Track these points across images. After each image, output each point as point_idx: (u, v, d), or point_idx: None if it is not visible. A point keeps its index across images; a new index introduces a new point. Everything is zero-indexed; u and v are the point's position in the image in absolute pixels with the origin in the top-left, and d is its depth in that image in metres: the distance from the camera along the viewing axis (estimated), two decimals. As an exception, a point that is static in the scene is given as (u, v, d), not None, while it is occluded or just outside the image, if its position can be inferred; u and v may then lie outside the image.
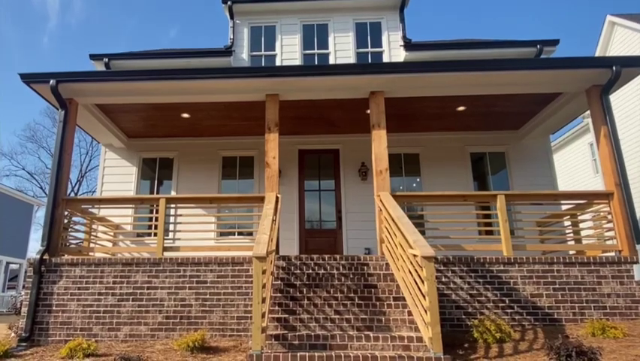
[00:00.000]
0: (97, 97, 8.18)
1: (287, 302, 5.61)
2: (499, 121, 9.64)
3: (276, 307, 5.51)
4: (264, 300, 4.69)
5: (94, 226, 8.60)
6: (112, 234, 8.65)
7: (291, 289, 5.88)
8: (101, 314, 6.57)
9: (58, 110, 7.85)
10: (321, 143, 10.22)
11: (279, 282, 6.08)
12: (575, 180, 22.07)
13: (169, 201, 7.41)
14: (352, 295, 5.77)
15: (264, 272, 4.75)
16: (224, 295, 6.53)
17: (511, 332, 5.47)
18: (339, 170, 10.09)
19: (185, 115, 9.23)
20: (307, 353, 4.54)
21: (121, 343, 6.31)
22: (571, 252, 7.85)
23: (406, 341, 4.75)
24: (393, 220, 5.88)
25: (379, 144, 7.32)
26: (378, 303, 5.55)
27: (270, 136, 7.51)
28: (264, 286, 4.72)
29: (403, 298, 5.64)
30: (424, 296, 4.70)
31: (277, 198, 7.06)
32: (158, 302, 6.58)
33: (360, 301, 5.63)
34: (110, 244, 8.67)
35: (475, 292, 6.47)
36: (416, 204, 7.59)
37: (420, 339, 4.76)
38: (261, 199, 7.03)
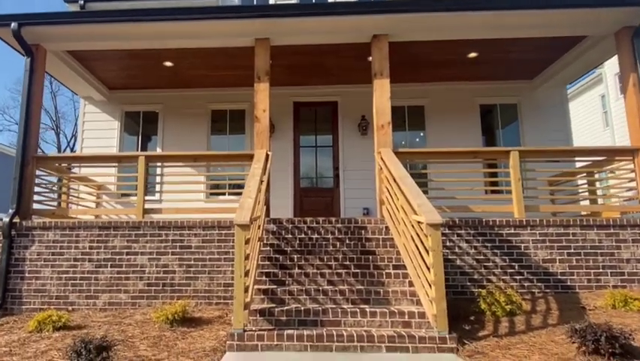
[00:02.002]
0: (67, 42, 7.33)
1: (276, 271, 5.08)
2: (512, 70, 8.78)
3: (263, 278, 4.98)
4: (247, 273, 4.14)
5: (73, 187, 8.01)
6: (93, 195, 8.07)
7: (281, 257, 5.34)
8: (78, 281, 6.09)
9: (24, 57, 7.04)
10: (318, 95, 9.41)
11: (268, 248, 5.54)
12: (583, 134, 21.25)
13: (149, 159, 6.75)
14: (348, 263, 5.23)
15: (247, 242, 4.17)
16: (209, 261, 6.03)
17: (523, 303, 4.96)
18: (338, 124, 9.35)
19: (168, 64, 8.40)
20: (295, 331, 4.04)
21: (99, 312, 5.87)
22: (583, 213, 7.29)
23: (406, 316, 4.24)
24: (394, 180, 5.24)
25: (381, 94, 6.55)
26: (376, 272, 5.01)
27: (259, 86, 6.74)
28: (247, 257, 4.16)
29: (404, 267, 5.11)
30: (428, 268, 4.14)
31: (267, 155, 6.40)
32: (138, 269, 6.09)
33: (356, 270, 5.10)
34: (92, 206, 8.12)
35: (482, 257, 5.94)
36: (420, 162, 6.93)
37: (422, 315, 4.24)
38: (251, 157, 6.36)
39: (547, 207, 6.51)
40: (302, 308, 4.38)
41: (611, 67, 18.51)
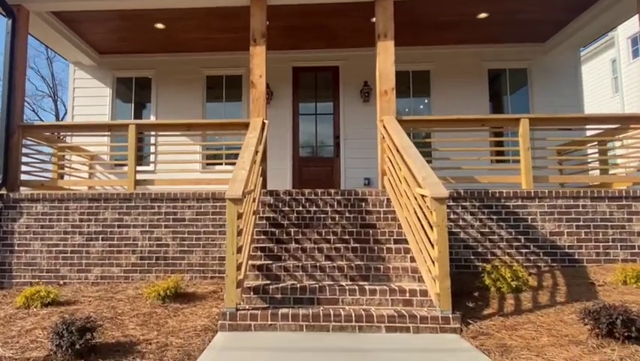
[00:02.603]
0: (50, 2, 6.88)
1: (271, 246, 4.85)
2: (523, 32, 8.28)
3: (258, 253, 4.76)
4: (239, 249, 3.91)
5: (66, 157, 7.73)
6: (84, 165, 7.80)
7: (278, 230, 5.11)
8: (69, 255, 5.91)
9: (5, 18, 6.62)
10: (319, 59, 8.96)
11: (264, 222, 5.30)
12: (591, 100, 20.65)
13: (140, 127, 6.44)
14: (347, 237, 5.00)
15: (239, 216, 3.92)
16: (204, 235, 5.82)
17: (529, 279, 4.75)
18: (339, 90, 8.94)
19: (160, 25, 7.95)
20: (290, 310, 3.84)
21: (91, 286, 5.71)
22: (592, 183, 6.99)
23: (407, 294, 4.03)
24: (397, 150, 4.94)
25: (385, 58, 6.14)
26: (376, 247, 4.78)
27: (255, 50, 6.32)
28: (239, 232, 3.91)
29: (406, 241, 4.87)
30: (431, 244, 3.89)
31: (264, 124, 6.07)
32: (131, 242, 5.89)
33: (355, 245, 4.87)
34: (85, 177, 7.87)
35: (487, 230, 5.71)
36: (425, 130, 6.56)
37: (424, 293, 4.03)
38: (247, 125, 6.03)
39: (557, 177, 6.20)
40: (298, 285, 4.17)
41: (625, 30, 17.79)
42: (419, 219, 4.27)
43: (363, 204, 5.63)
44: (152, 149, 8.24)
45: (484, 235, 5.70)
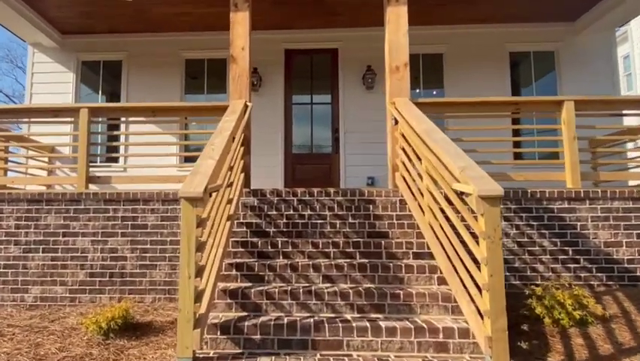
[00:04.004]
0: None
1: (251, 262, 3.65)
2: (551, 9, 7.15)
3: (233, 272, 3.55)
4: (200, 271, 2.72)
5: (12, 149, 6.51)
6: (36, 160, 6.57)
7: (261, 241, 3.91)
8: (1, 270, 4.71)
9: None
10: (315, 40, 7.78)
11: (244, 229, 4.11)
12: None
13: (95, 112, 5.22)
14: (351, 249, 3.81)
15: (200, 223, 2.72)
16: (170, 245, 4.63)
17: (598, 307, 3.57)
18: (338, 76, 7.76)
19: (129, -2, 6.76)
20: (274, 360, 2.65)
21: (27, 310, 4.51)
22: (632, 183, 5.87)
23: (441, 335, 2.83)
24: (418, 136, 3.75)
25: (397, 27, 4.98)
26: (391, 264, 3.58)
27: (236, 16, 5.16)
28: (200, 247, 2.72)
29: (430, 256, 3.69)
30: (476, 264, 2.72)
31: (246, 106, 4.89)
32: (78, 254, 4.69)
33: (363, 260, 3.68)
34: (38, 174, 6.63)
35: (525, 239, 4.55)
36: (448, 116, 5.36)
37: (464, 332, 2.84)
38: (224, 110, 4.82)
39: (610, 174, 5.03)
40: (285, 320, 2.98)
41: (638, 25, 16.80)
42: (452, 227, 3.09)
43: (371, 206, 4.44)
44: (123, 145, 7.04)
45: (522, 245, 4.54)
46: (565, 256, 4.54)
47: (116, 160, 7.40)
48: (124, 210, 4.76)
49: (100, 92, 7.93)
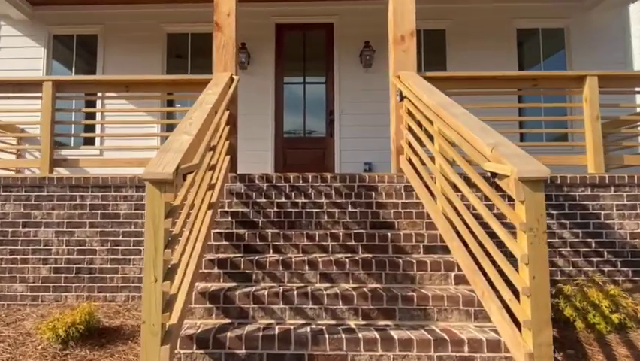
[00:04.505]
0: None
1: (236, 258, 3.12)
2: (562, -19, 6.64)
3: (215, 270, 3.02)
4: (170, 271, 2.19)
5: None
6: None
7: (248, 233, 3.38)
8: (-49, 266, 4.13)
9: None
10: (308, 14, 7.17)
11: (229, 219, 3.57)
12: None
13: (60, 86, 4.60)
14: (353, 242, 3.30)
15: (169, 213, 2.18)
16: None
17: (638, 310, 3.11)
18: (333, 54, 7.17)
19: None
20: (262, 381, 2.15)
21: (-19, 311, 3.95)
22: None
23: (466, 348, 2.34)
24: (431, 111, 3.23)
25: (401, -10, 4.42)
26: (400, 261, 3.06)
27: (219, -21, 4.55)
28: (170, 242, 2.19)
29: (444, 250, 3.20)
30: (509, 261, 2.22)
31: (232, 80, 4.32)
32: (41, 247, 4.13)
33: (366, 255, 3.17)
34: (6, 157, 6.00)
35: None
36: (456, 93, 4.82)
37: (495, 345, 2.35)
38: (207, 84, 4.23)
39: (637, 158, 4.55)
40: (277, 329, 2.47)
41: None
42: (476, 217, 2.59)
43: (373, 193, 3.93)
44: (99, 125, 6.42)
45: (540, 236, 4.07)
46: (587, 249, 4.10)
47: (92, 142, 6.78)
48: (92, 197, 4.19)
49: (73, 69, 7.26)
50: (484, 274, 2.56)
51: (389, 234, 3.33)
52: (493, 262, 2.46)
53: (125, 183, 4.19)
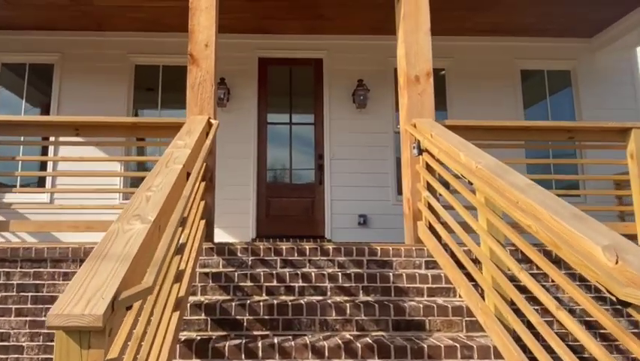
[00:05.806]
0: None
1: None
2: (564, 22, 6.19)
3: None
4: None
5: None
6: None
7: (230, 343, 2.45)
8: None
9: None
10: (295, 48, 6.47)
11: (202, 317, 2.64)
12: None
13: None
14: (375, 357, 2.41)
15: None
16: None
17: None
18: (323, 92, 6.45)
19: (61, -15, 5.28)
20: None
21: None
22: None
23: None
24: (475, 176, 2.45)
25: (416, 24, 3.74)
26: (442, 385, 2.21)
27: (200, 2, 3.78)
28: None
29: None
30: None
31: (210, 125, 3.48)
32: (-57, 344, 3.07)
33: (394, 376, 2.30)
34: None
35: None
36: (477, 144, 4.17)
37: None
38: (179, 128, 3.36)
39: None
40: None
41: None
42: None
43: (390, 275, 3.07)
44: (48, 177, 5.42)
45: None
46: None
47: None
48: (22, 274, 3.19)
49: (23, 100, 6.27)
50: None
51: (424, 345, 2.45)
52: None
53: (66, 255, 3.23)
